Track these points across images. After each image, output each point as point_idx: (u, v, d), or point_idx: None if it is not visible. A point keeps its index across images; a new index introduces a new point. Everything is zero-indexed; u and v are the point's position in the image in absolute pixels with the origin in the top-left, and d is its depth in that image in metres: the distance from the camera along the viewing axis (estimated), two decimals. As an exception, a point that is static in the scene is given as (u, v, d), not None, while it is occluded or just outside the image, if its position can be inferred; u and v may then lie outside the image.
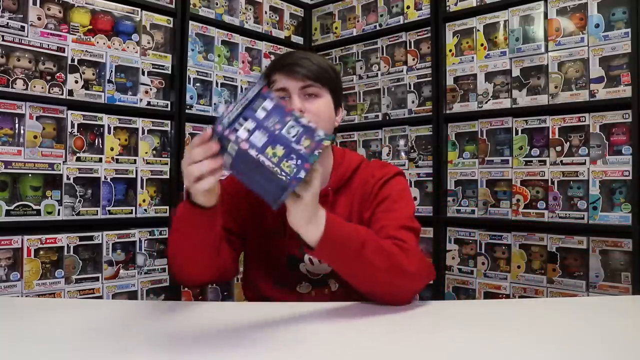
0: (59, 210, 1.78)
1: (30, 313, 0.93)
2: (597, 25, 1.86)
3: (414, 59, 2.39)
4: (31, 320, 0.86)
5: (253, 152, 0.71)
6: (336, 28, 2.70)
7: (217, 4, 2.33)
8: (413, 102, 2.38)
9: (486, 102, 2.14)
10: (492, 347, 0.70)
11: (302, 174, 0.71)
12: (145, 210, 2.02)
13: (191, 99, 2.19)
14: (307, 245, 0.87)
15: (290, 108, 0.75)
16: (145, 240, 2.01)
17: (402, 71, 2.42)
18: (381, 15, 2.51)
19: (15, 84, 1.71)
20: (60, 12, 1.83)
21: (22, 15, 1.74)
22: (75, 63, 1.85)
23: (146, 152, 2.04)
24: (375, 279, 0.89)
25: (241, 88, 2.37)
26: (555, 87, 1.95)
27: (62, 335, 0.76)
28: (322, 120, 1.04)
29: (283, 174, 0.71)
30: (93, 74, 1.92)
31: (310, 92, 1.06)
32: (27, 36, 1.73)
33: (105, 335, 0.75)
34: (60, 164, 1.79)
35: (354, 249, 0.87)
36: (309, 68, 1.05)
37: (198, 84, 2.24)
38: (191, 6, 2.21)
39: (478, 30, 2.17)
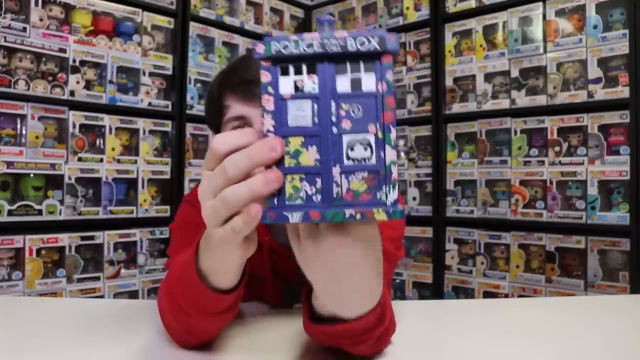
0: (60, 210, 1.79)
1: (31, 312, 0.93)
2: (595, 27, 1.87)
3: (413, 60, 2.40)
4: (32, 320, 0.87)
5: (269, 124, 0.42)
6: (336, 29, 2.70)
7: (217, 5, 2.34)
8: (412, 102, 2.39)
9: (485, 103, 2.15)
10: (492, 346, 0.71)
11: (294, 218, 0.41)
12: (146, 210, 2.03)
13: (192, 99, 2.20)
14: (306, 294, 0.56)
15: (391, 118, 0.40)
16: (146, 240, 2.02)
17: (401, 72, 2.43)
18: (381, 16, 2.52)
19: (17, 84, 1.72)
20: (61, 13, 1.84)
21: (24, 17, 1.74)
22: (77, 64, 1.86)
23: (147, 153, 2.05)
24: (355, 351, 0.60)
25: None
26: (554, 88, 1.96)
27: (63, 334, 0.77)
28: None
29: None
30: (94, 75, 1.93)
31: None
32: (29, 37, 1.74)
33: (106, 334, 0.76)
34: (61, 164, 1.80)
35: (371, 341, 0.57)
36: None
37: (199, 85, 2.25)
38: (192, 7, 2.22)
39: (477, 31, 2.18)
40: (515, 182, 2.03)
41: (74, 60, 1.85)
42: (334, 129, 0.41)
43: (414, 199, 2.34)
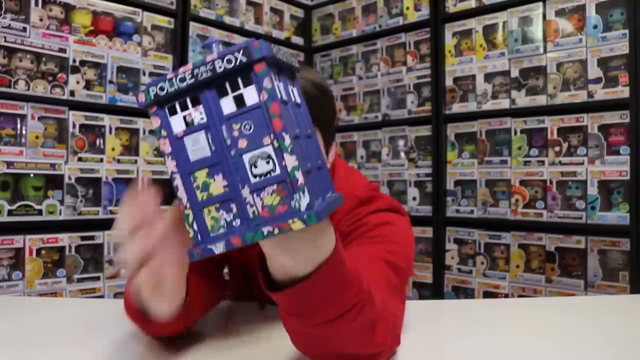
0: (60, 210, 1.79)
1: (31, 312, 0.93)
2: (595, 26, 1.87)
3: (413, 60, 2.40)
4: (32, 320, 0.87)
5: (172, 165, 0.43)
6: (336, 29, 2.71)
7: (217, 5, 2.34)
8: (412, 102, 2.39)
9: (485, 103, 2.15)
10: (492, 346, 0.71)
11: (218, 249, 0.41)
12: (146, 210, 2.03)
13: (192, 99, 2.20)
14: (262, 270, 0.52)
15: (281, 125, 0.40)
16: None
17: (401, 72, 2.43)
18: (381, 16, 2.52)
19: (17, 84, 1.72)
20: (61, 13, 1.84)
21: (24, 17, 1.74)
22: (77, 64, 1.86)
23: (147, 153, 2.05)
24: (337, 348, 0.56)
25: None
26: (554, 88, 1.96)
27: (63, 334, 0.77)
28: None
29: (195, 227, 0.43)
30: (94, 75, 1.93)
31: None
32: (29, 37, 1.74)
33: (106, 334, 0.76)
34: (61, 164, 1.80)
35: (341, 307, 0.51)
36: None
37: (199, 85, 2.25)
38: (192, 7, 2.22)
39: (477, 31, 2.18)
40: (515, 182, 2.03)
41: (74, 60, 1.85)
42: (232, 152, 0.41)
43: (414, 199, 2.34)
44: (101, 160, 1.91)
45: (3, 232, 1.67)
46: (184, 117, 0.43)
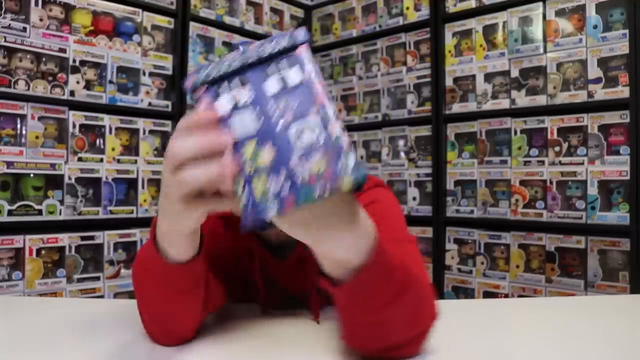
0: (60, 210, 1.79)
1: (31, 312, 0.93)
2: (595, 26, 1.87)
3: (413, 60, 2.40)
4: (32, 320, 0.87)
5: None
6: (336, 29, 2.71)
7: (217, 5, 2.34)
8: (412, 102, 2.39)
9: (485, 103, 2.15)
10: (491, 346, 0.71)
11: (271, 213, 0.43)
12: (146, 210, 2.03)
13: (192, 99, 2.20)
14: (321, 274, 0.55)
15: (323, 98, 0.43)
16: (146, 240, 2.02)
17: (401, 72, 2.43)
18: (381, 16, 2.52)
19: (17, 84, 1.72)
20: (61, 13, 1.84)
21: (24, 17, 1.74)
22: (77, 64, 1.86)
23: (147, 153, 2.05)
24: (393, 335, 0.58)
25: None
26: (554, 88, 1.96)
27: (63, 334, 0.77)
28: None
29: (245, 197, 0.44)
30: (94, 75, 1.93)
31: None
32: (29, 37, 1.74)
33: (106, 334, 0.76)
34: (61, 164, 1.80)
35: (398, 289, 0.55)
36: None
37: (199, 85, 2.25)
38: (192, 7, 2.22)
39: (477, 31, 2.18)
40: (515, 182, 2.03)
41: (74, 60, 1.85)
42: (278, 126, 0.43)
43: (414, 199, 2.34)
44: (101, 160, 1.91)
45: (3, 232, 1.67)
46: (231, 97, 0.45)
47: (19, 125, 1.74)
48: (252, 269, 0.81)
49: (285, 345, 0.71)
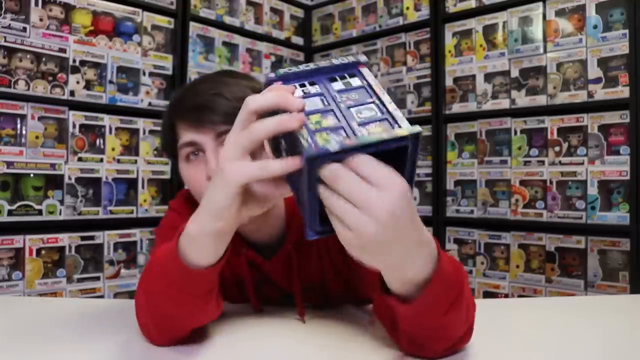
0: (60, 210, 1.79)
1: (31, 312, 0.93)
2: (595, 27, 1.87)
3: (413, 60, 2.40)
4: (32, 320, 0.87)
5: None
6: (336, 29, 2.71)
7: (217, 5, 2.34)
8: (412, 102, 2.39)
9: (485, 103, 2.15)
10: (491, 346, 0.71)
11: (333, 147, 0.45)
12: (146, 210, 2.03)
13: (192, 99, 2.19)
14: (386, 292, 0.57)
15: (381, 91, 0.51)
16: (146, 240, 2.02)
17: (401, 72, 2.43)
18: (381, 16, 2.52)
19: (17, 84, 1.72)
20: (61, 13, 1.84)
21: (24, 17, 1.74)
22: (77, 64, 1.86)
23: (147, 153, 2.05)
24: (455, 332, 0.62)
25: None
26: (554, 88, 1.96)
27: (63, 334, 0.77)
28: None
29: (309, 139, 0.47)
30: (94, 75, 1.93)
31: None
32: (29, 37, 1.74)
33: (106, 334, 0.76)
34: (61, 164, 1.80)
35: (456, 292, 0.58)
36: (223, 109, 0.73)
37: (199, 85, 2.24)
38: (192, 7, 2.22)
39: (477, 31, 2.18)
40: (515, 182, 2.03)
41: (74, 60, 1.85)
42: (342, 105, 0.50)
43: (414, 199, 2.34)
44: (101, 160, 1.91)
45: (3, 232, 1.67)
46: (302, 91, 0.52)
47: (19, 125, 1.74)
48: (242, 268, 0.82)
49: (271, 345, 0.71)
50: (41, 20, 1.77)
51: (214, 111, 0.74)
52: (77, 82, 1.86)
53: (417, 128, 0.47)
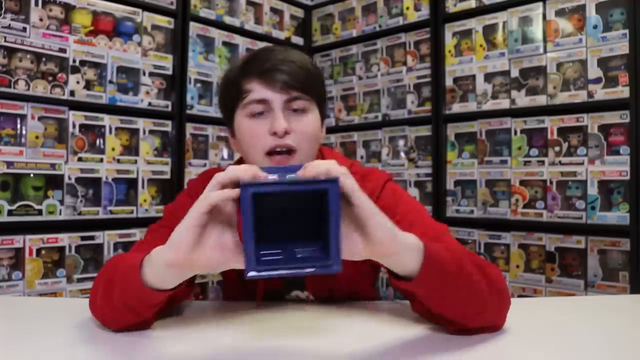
0: (60, 210, 1.79)
1: (31, 312, 0.93)
2: (595, 27, 1.87)
3: (413, 60, 2.40)
4: (32, 320, 0.87)
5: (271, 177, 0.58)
6: (336, 29, 2.71)
7: (217, 5, 2.34)
8: (412, 102, 2.39)
9: (485, 103, 2.15)
10: (491, 346, 0.71)
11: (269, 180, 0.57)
12: (147, 210, 2.03)
13: (192, 99, 2.20)
14: (394, 276, 0.68)
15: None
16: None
17: (401, 72, 2.43)
18: (381, 16, 2.52)
19: (17, 84, 1.72)
20: (61, 13, 1.84)
21: (24, 17, 1.74)
22: (77, 64, 1.86)
23: (147, 153, 2.05)
24: (482, 303, 0.71)
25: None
26: (554, 88, 1.96)
27: (62, 334, 0.77)
28: (308, 142, 0.85)
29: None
30: (94, 75, 1.93)
31: (296, 106, 0.85)
32: (29, 37, 1.74)
33: (106, 333, 0.76)
34: (61, 164, 1.80)
35: (455, 267, 0.68)
36: (295, 76, 0.83)
37: (199, 85, 2.25)
38: (192, 7, 2.22)
39: (477, 31, 2.18)
40: (515, 182, 2.03)
41: (74, 60, 1.85)
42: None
43: (414, 198, 2.34)
44: (101, 160, 1.91)
45: (3, 232, 1.67)
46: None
47: (19, 125, 1.74)
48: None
49: (274, 334, 0.71)
50: (41, 20, 1.77)
51: (288, 74, 0.82)
52: (77, 82, 1.86)
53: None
